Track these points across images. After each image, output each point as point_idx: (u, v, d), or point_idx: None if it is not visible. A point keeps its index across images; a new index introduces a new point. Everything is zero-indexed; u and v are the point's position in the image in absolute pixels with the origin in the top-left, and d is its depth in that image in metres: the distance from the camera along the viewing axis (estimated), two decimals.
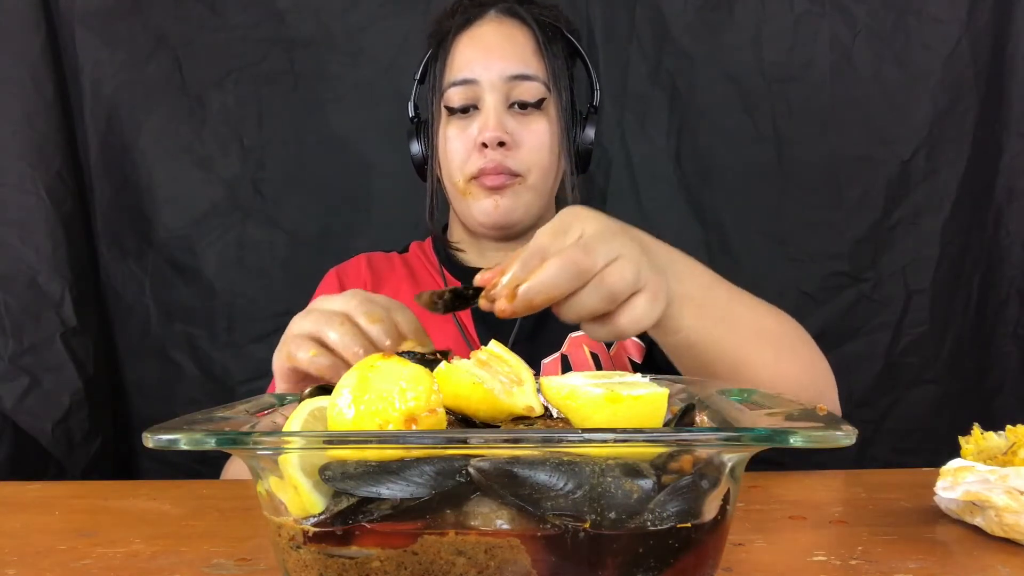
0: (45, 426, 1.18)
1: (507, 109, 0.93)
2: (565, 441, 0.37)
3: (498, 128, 0.91)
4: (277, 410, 0.50)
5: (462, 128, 0.94)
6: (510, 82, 0.92)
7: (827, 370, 0.78)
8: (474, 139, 0.92)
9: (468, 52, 0.94)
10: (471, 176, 0.93)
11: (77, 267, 1.23)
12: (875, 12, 1.27)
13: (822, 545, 0.52)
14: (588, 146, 0.99)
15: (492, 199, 0.93)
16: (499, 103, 0.92)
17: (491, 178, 0.92)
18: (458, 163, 0.94)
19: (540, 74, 0.94)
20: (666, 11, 1.30)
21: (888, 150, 1.28)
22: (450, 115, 0.95)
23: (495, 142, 0.91)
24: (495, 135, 0.90)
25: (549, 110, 0.94)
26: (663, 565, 0.38)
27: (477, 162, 0.92)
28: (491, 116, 0.91)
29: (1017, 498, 0.50)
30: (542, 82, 0.93)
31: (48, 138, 1.21)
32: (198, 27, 1.28)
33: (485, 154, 0.92)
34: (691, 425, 0.47)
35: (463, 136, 0.94)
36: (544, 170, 0.95)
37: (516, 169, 0.92)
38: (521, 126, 0.93)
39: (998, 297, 1.29)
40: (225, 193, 1.30)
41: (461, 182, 0.94)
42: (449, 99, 0.94)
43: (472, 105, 0.93)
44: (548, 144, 0.94)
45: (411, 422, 0.41)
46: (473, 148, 0.93)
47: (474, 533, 0.37)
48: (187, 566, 0.50)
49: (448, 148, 0.95)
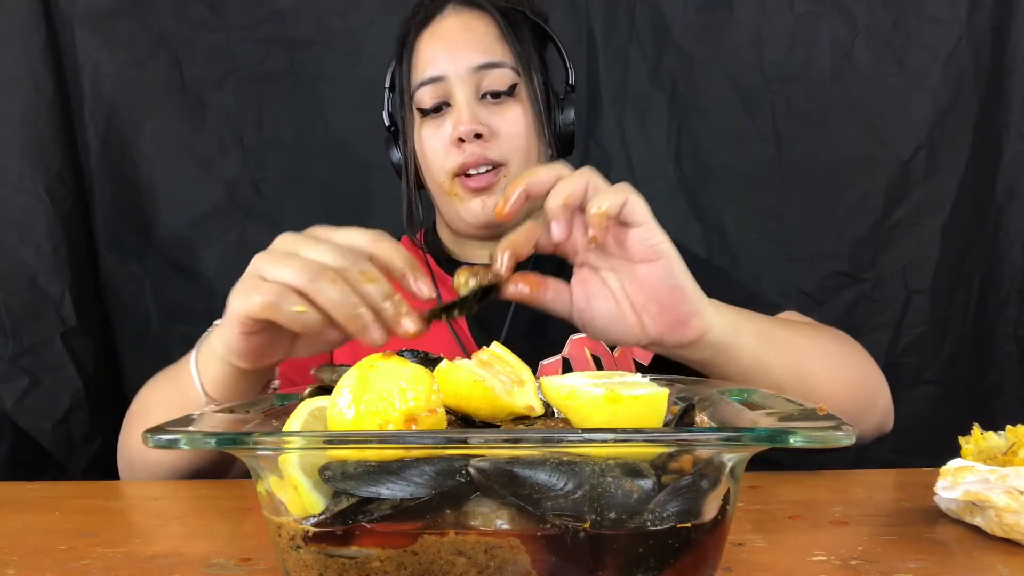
0: (45, 426, 1.18)
1: (479, 100, 0.91)
2: (565, 441, 0.37)
3: (472, 121, 0.89)
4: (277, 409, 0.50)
5: (436, 127, 0.92)
6: (478, 72, 0.91)
7: (878, 374, 0.81)
8: (449, 136, 0.91)
9: (430, 49, 0.93)
10: (453, 173, 0.92)
11: (77, 267, 1.23)
12: (875, 12, 1.27)
13: (822, 545, 0.52)
14: (569, 127, 0.97)
15: (479, 199, 0.92)
16: (470, 96, 0.91)
17: (475, 179, 0.91)
18: (438, 163, 0.93)
19: (507, 60, 0.92)
20: (666, 11, 1.30)
21: (888, 150, 1.28)
22: (423, 116, 0.93)
23: (471, 135, 0.89)
24: (470, 128, 0.89)
25: (521, 95, 0.93)
26: (663, 565, 0.38)
27: (456, 158, 0.91)
28: (463, 110, 0.90)
29: (1017, 498, 0.50)
30: (510, 67, 0.92)
31: (48, 138, 1.21)
32: (198, 27, 1.28)
33: (463, 149, 0.90)
34: (691, 425, 0.47)
35: (438, 135, 0.92)
36: (524, 156, 0.93)
37: (497, 159, 0.91)
38: (495, 115, 0.91)
39: (998, 297, 1.29)
40: (225, 193, 1.30)
41: (446, 182, 0.93)
42: (420, 100, 0.92)
43: (443, 103, 0.92)
44: (525, 130, 0.92)
45: (411, 422, 0.41)
46: (450, 144, 0.91)
47: (474, 533, 0.37)
48: (187, 566, 0.50)
49: (425, 149, 0.94)
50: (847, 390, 0.77)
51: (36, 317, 1.19)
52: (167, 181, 1.29)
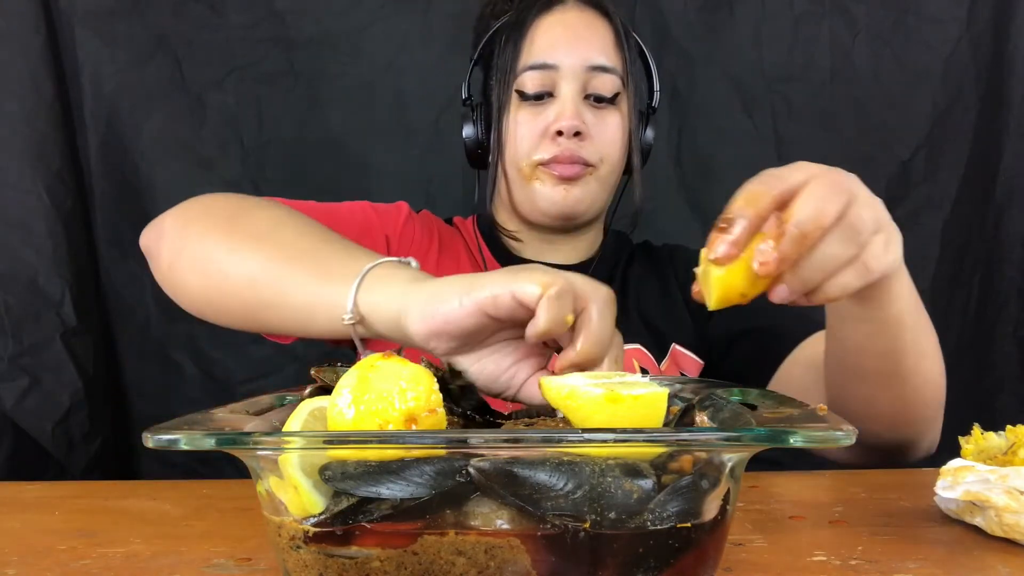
0: (45, 426, 1.18)
1: (583, 99, 0.91)
2: (565, 441, 0.37)
3: (576, 117, 0.89)
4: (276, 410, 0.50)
5: (535, 114, 0.91)
6: (589, 72, 0.90)
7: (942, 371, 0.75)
8: (547, 126, 0.90)
9: (549, 36, 0.91)
10: (539, 163, 0.91)
11: (77, 267, 1.23)
12: (875, 12, 1.27)
13: (822, 545, 0.52)
14: (649, 144, 0.98)
15: (562, 187, 0.90)
16: (577, 92, 0.90)
17: (564, 167, 0.90)
18: (527, 148, 0.91)
19: (618, 68, 0.92)
20: (666, 11, 1.30)
21: (888, 150, 1.28)
22: (522, 100, 0.92)
23: (572, 131, 0.88)
24: (573, 124, 0.88)
25: (622, 105, 0.93)
26: (663, 565, 0.38)
27: (550, 149, 0.90)
28: (569, 104, 0.89)
29: (1017, 498, 0.50)
30: (619, 76, 0.92)
31: (48, 138, 1.21)
32: (198, 27, 1.28)
33: (559, 142, 0.89)
34: (691, 425, 0.47)
35: (535, 122, 0.91)
36: (614, 164, 0.93)
37: (589, 159, 0.90)
38: (596, 118, 0.91)
39: (998, 297, 1.29)
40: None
41: (527, 168, 0.92)
42: (523, 83, 0.91)
43: (547, 92, 0.91)
44: (620, 139, 0.93)
45: (411, 422, 0.41)
46: (545, 135, 0.90)
47: (474, 533, 0.37)
48: (187, 566, 0.50)
49: (518, 133, 0.92)
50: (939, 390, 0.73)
51: (36, 317, 1.19)
52: (167, 181, 1.29)
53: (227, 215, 0.72)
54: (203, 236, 0.70)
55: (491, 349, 0.56)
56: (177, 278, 0.73)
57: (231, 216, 0.71)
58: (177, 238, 0.73)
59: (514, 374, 0.56)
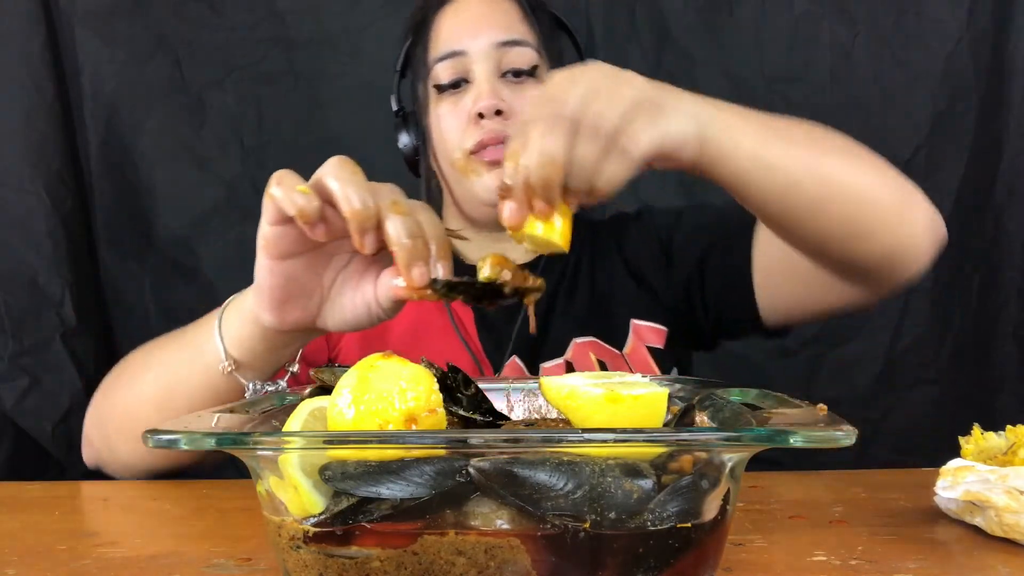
0: (45, 426, 1.18)
1: (500, 78, 0.89)
2: (565, 441, 0.37)
3: (493, 96, 0.86)
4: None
5: (454, 103, 0.89)
6: (500, 49, 0.88)
7: (901, 176, 0.73)
8: (468, 112, 0.88)
9: (452, 25, 0.91)
10: (469, 151, 0.88)
11: (77, 267, 1.23)
12: (875, 12, 1.27)
13: (822, 545, 0.52)
14: None
15: (495, 173, 0.87)
16: (491, 72, 0.88)
17: (493, 150, 0.87)
18: (454, 140, 0.90)
19: (530, 40, 0.90)
20: (666, 11, 1.30)
21: (888, 150, 1.27)
22: (440, 93, 0.90)
23: (492, 111, 0.86)
24: (491, 103, 0.86)
25: (542, 77, 0.90)
26: (663, 565, 0.38)
27: (475, 135, 0.87)
28: (484, 85, 0.87)
29: (1017, 498, 0.50)
30: (533, 48, 0.90)
31: (48, 138, 1.21)
32: (198, 27, 1.28)
33: (482, 125, 0.87)
34: (691, 425, 0.47)
35: (456, 111, 0.89)
36: None
37: None
38: (516, 94, 0.88)
39: (998, 297, 1.29)
40: (225, 193, 1.30)
41: (460, 160, 0.90)
42: (437, 76, 0.90)
43: (462, 79, 0.89)
44: None
45: (411, 422, 0.41)
46: (468, 121, 0.88)
47: (474, 533, 0.37)
48: (187, 566, 0.50)
49: (442, 126, 0.90)
50: (879, 182, 0.71)
51: (36, 317, 1.19)
52: (167, 181, 1.29)
53: (109, 384, 0.81)
54: (103, 411, 0.80)
55: (334, 292, 0.61)
56: (118, 451, 0.78)
57: (115, 379, 0.81)
58: (97, 427, 0.81)
59: (365, 291, 0.59)
